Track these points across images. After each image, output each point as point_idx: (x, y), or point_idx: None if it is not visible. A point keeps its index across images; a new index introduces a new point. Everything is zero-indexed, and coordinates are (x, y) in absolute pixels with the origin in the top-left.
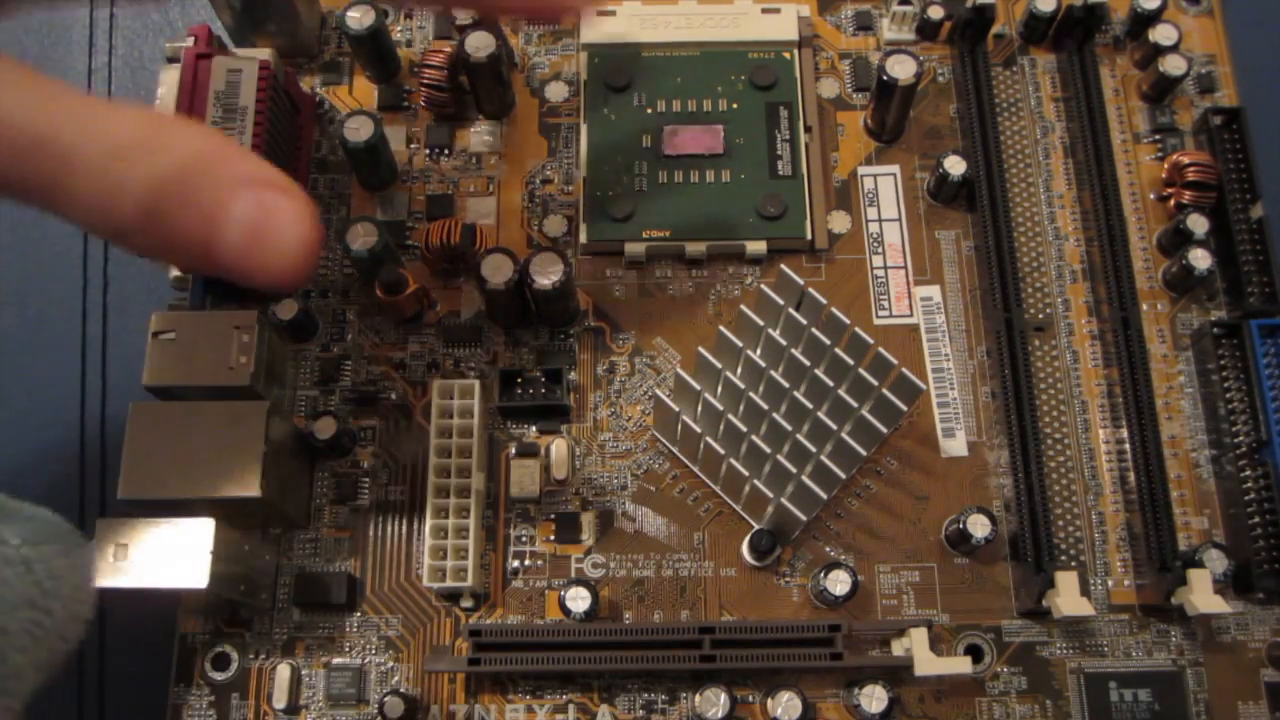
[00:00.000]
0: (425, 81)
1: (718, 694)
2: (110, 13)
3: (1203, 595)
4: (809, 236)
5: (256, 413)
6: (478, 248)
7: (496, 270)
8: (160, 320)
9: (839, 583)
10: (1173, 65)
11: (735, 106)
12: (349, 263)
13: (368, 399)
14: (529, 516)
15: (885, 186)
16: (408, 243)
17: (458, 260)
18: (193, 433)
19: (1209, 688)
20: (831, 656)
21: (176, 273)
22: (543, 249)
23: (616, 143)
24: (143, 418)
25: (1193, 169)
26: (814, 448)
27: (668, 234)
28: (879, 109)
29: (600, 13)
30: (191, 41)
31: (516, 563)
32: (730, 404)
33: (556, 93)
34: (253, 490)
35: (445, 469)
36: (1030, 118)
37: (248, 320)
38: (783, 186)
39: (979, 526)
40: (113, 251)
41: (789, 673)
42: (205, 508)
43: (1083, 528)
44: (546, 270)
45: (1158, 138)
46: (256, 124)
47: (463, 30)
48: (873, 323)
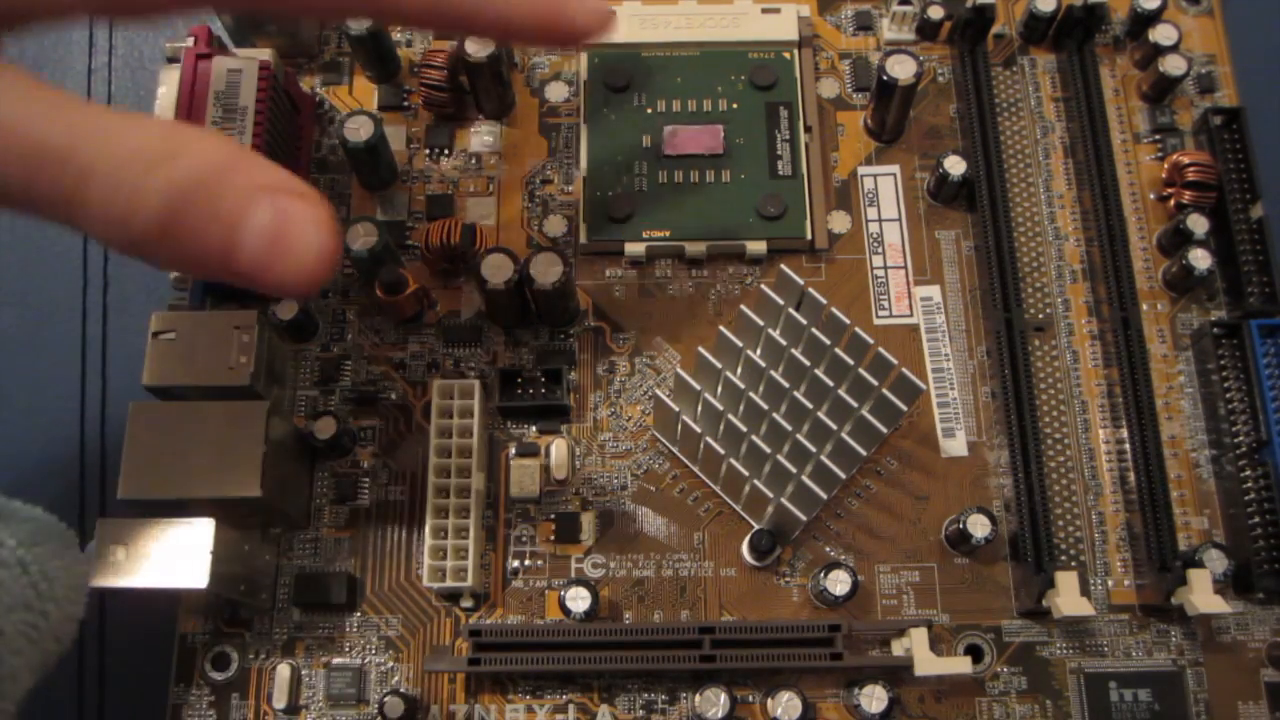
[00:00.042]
0: (425, 81)
1: (718, 694)
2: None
3: (1203, 595)
4: (809, 236)
5: (256, 413)
6: (478, 248)
7: (496, 270)
8: (160, 320)
9: (839, 583)
10: (1173, 65)
11: (735, 106)
12: (349, 263)
13: (368, 399)
14: (529, 516)
15: (885, 186)
16: (408, 243)
17: (458, 260)
18: (193, 433)
19: (1209, 688)
20: (831, 656)
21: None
22: (543, 249)
23: (616, 143)
24: (143, 418)
25: (1193, 169)
26: (814, 448)
27: (668, 234)
28: (879, 109)
29: None
30: (191, 41)
31: (516, 563)
32: (730, 404)
33: (556, 93)
34: (253, 490)
35: (445, 469)
36: (1030, 118)
37: (248, 320)
38: (783, 186)
39: (979, 526)
40: (113, 252)
41: (789, 673)
42: (205, 508)
43: (1083, 528)
44: (546, 270)
45: (1158, 138)
46: (256, 124)
47: None
48: (873, 323)
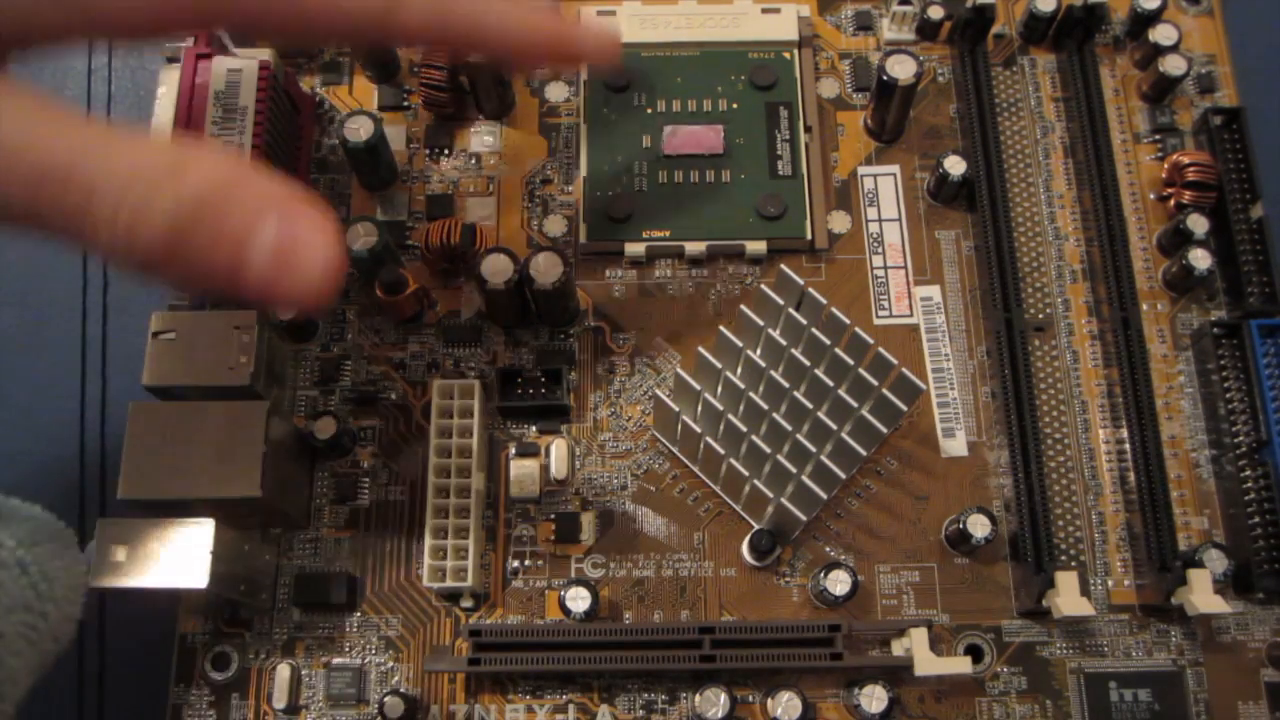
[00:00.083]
0: (425, 81)
1: (718, 694)
2: None
3: (1203, 595)
4: (809, 236)
5: (256, 413)
6: (478, 248)
7: (496, 270)
8: (160, 320)
9: (839, 583)
10: (1173, 65)
11: (735, 106)
12: (349, 263)
13: (368, 399)
14: (529, 516)
15: (885, 186)
16: (408, 243)
17: (458, 260)
18: (193, 433)
19: (1209, 688)
20: (831, 656)
21: None
22: (543, 249)
23: (616, 143)
24: (143, 418)
25: (1193, 169)
26: (814, 448)
27: (668, 234)
28: (879, 109)
29: (600, 13)
30: (191, 41)
31: (516, 563)
32: (730, 404)
33: (556, 93)
34: (253, 490)
35: (445, 469)
36: (1030, 118)
37: (248, 320)
38: (783, 186)
39: (979, 526)
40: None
41: (789, 673)
42: (205, 508)
43: (1083, 528)
44: (546, 270)
45: (1158, 138)
46: (256, 124)
47: None
48: (873, 323)
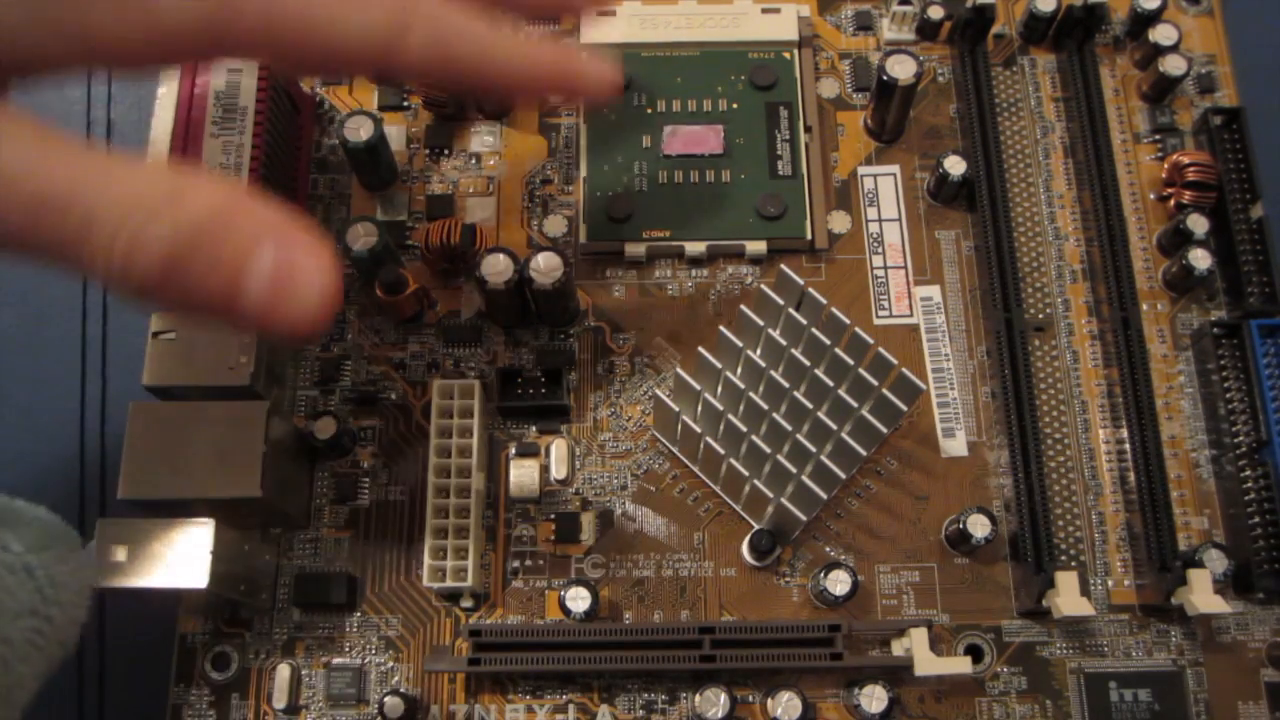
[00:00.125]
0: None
1: (718, 694)
2: None
3: (1203, 595)
4: (809, 236)
5: (256, 413)
6: (478, 248)
7: (496, 270)
8: (160, 320)
9: (839, 583)
10: (1173, 65)
11: (735, 106)
12: (349, 263)
13: (368, 399)
14: (529, 516)
15: (885, 186)
16: (408, 243)
17: (458, 260)
18: (193, 433)
19: (1209, 688)
20: (831, 656)
21: None
22: (543, 249)
23: (616, 142)
24: (143, 418)
25: (1193, 169)
26: (814, 448)
27: (668, 234)
28: (879, 109)
29: (600, 13)
30: None
31: (516, 563)
32: (730, 404)
33: None
34: (253, 490)
35: (445, 469)
36: (1030, 118)
37: None
38: (783, 186)
39: (979, 526)
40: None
41: (789, 673)
42: (205, 508)
43: (1083, 528)
44: (546, 270)
45: (1158, 138)
46: (256, 124)
47: None
48: (873, 323)
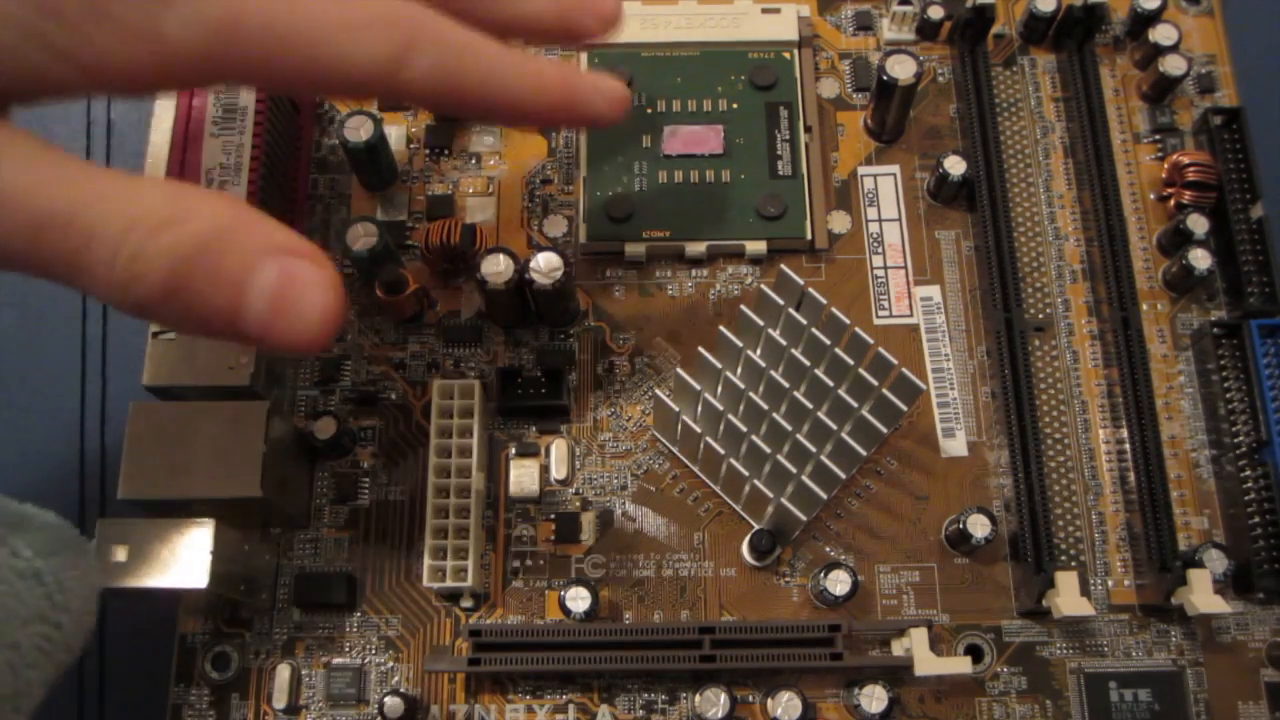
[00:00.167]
0: None
1: (718, 694)
2: None
3: (1203, 595)
4: (809, 236)
5: (256, 413)
6: (478, 248)
7: (496, 270)
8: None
9: (839, 583)
10: (1173, 65)
11: (735, 106)
12: (349, 263)
13: (368, 399)
14: (529, 516)
15: (885, 186)
16: (408, 243)
17: (458, 260)
18: (193, 433)
19: (1209, 688)
20: (831, 656)
21: None
22: (543, 249)
23: (616, 143)
24: (143, 418)
25: (1193, 169)
26: (814, 448)
27: (668, 234)
28: (879, 109)
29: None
30: None
31: (516, 563)
32: (730, 404)
33: None
34: (253, 490)
35: (445, 469)
36: (1030, 118)
37: None
38: (783, 186)
39: (979, 526)
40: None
41: (789, 673)
42: (205, 508)
43: (1083, 528)
44: (546, 270)
45: (1158, 138)
46: (256, 124)
47: None
48: (873, 323)
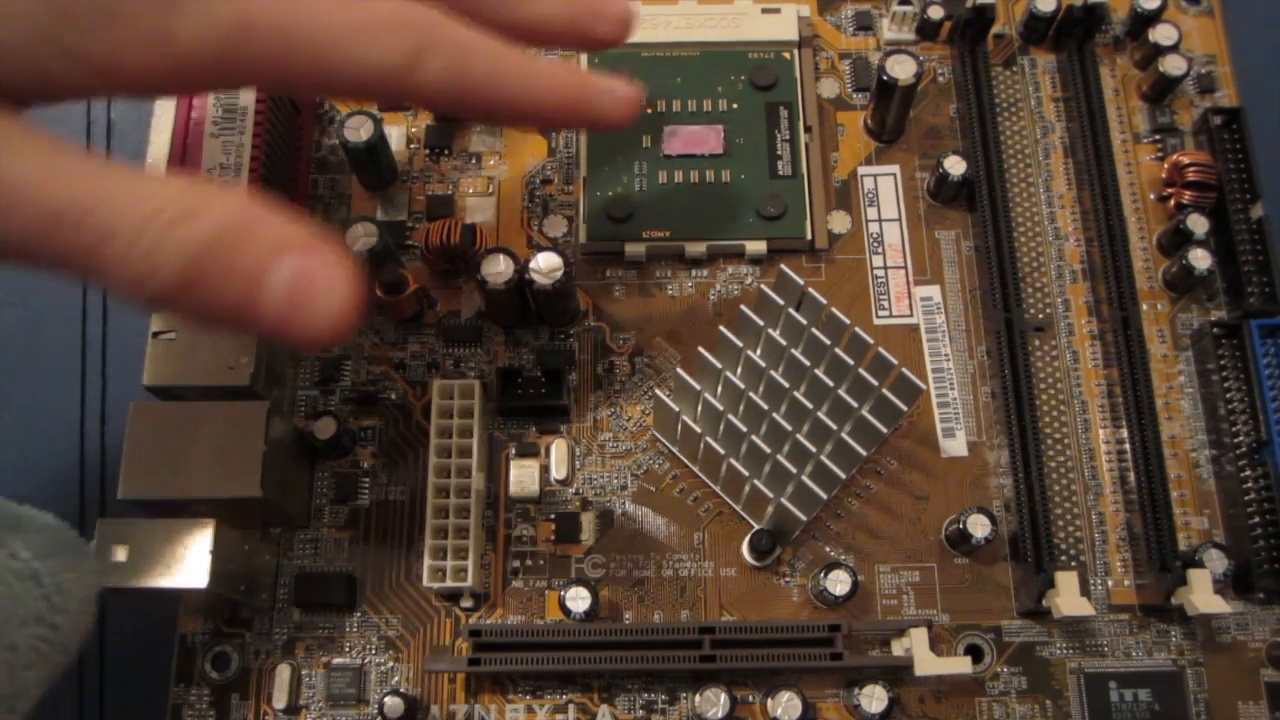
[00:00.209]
0: None
1: (718, 694)
2: None
3: (1203, 595)
4: (809, 236)
5: (256, 413)
6: (478, 248)
7: (496, 270)
8: (160, 320)
9: (839, 583)
10: (1173, 65)
11: (735, 106)
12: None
13: (368, 399)
14: (529, 516)
15: (885, 186)
16: (408, 243)
17: (458, 260)
18: (193, 433)
19: (1209, 688)
20: (831, 656)
21: None
22: (543, 249)
23: (616, 143)
24: (143, 418)
25: (1193, 169)
26: (814, 448)
27: (668, 234)
28: (879, 109)
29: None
30: None
31: (516, 563)
32: (730, 404)
33: None
34: (253, 490)
35: (445, 469)
36: (1030, 118)
37: None
38: (783, 186)
39: (979, 526)
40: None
41: (789, 673)
42: (205, 508)
43: (1083, 528)
44: (546, 270)
45: (1158, 138)
46: (256, 124)
47: None
48: (873, 323)
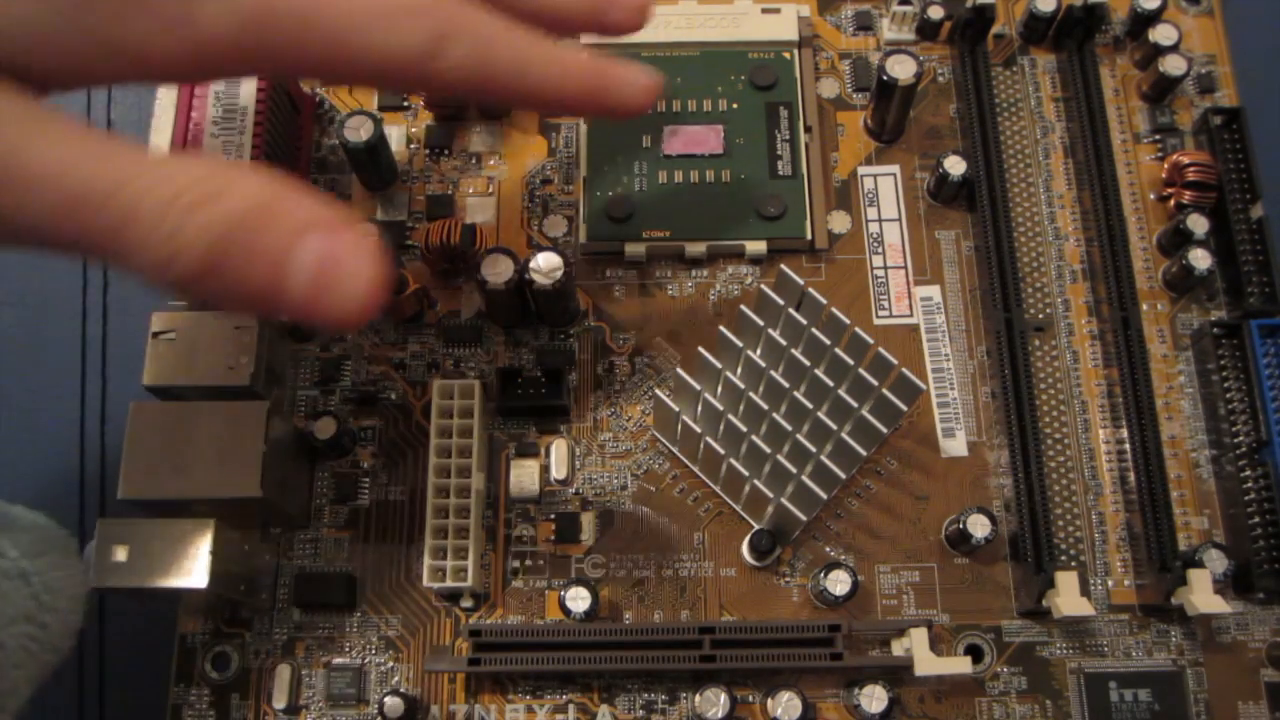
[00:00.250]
0: None
1: (718, 694)
2: None
3: (1203, 595)
4: (809, 236)
5: (256, 413)
6: (478, 248)
7: (496, 270)
8: (160, 320)
9: (839, 583)
10: (1173, 65)
11: (735, 106)
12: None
13: (368, 399)
14: (529, 516)
15: (885, 186)
16: (408, 243)
17: (458, 260)
18: (193, 433)
19: (1209, 688)
20: (831, 656)
21: None
22: (543, 249)
23: (616, 143)
24: (143, 418)
25: (1193, 169)
26: (814, 448)
27: (668, 234)
28: (879, 109)
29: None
30: None
31: (516, 563)
32: (730, 404)
33: None
34: (253, 490)
35: (445, 469)
36: (1030, 118)
37: (248, 320)
38: (783, 186)
39: (979, 526)
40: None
41: (789, 673)
42: (205, 508)
43: (1083, 528)
44: (546, 270)
45: (1158, 138)
46: (256, 124)
47: None
48: (873, 323)
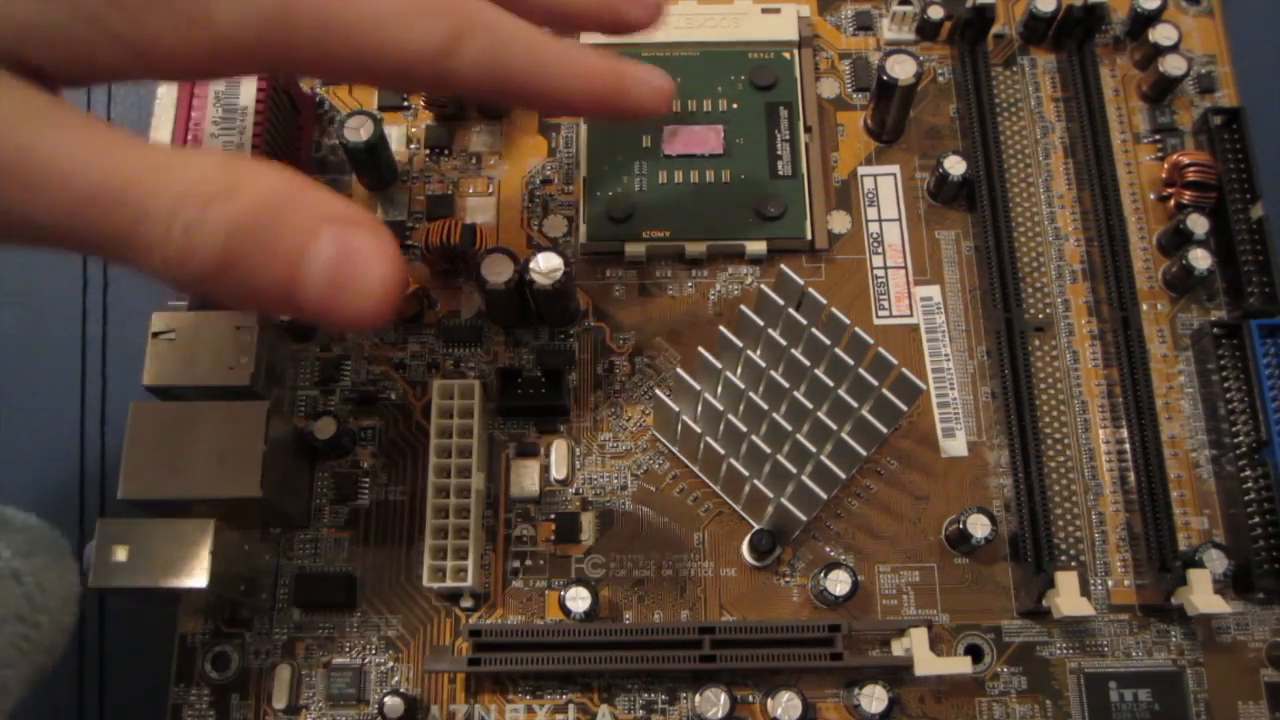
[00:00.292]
0: None
1: (718, 694)
2: None
3: (1203, 595)
4: (809, 236)
5: (256, 413)
6: (478, 248)
7: (496, 270)
8: (160, 320)
9: (839, 583)
10: (1173, 65)
11: (735, 106)
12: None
13: (368, 399)
14: (529, 516)
15: (885, 186)
16: (408, 243)
17: (458, 260)
18: (193, 433)
19: (1209, 688)
20: (831, 656)
21: None
22: (543, 249)
23: (616, 143)
24: (143, 418)
25: (1193, 169)
26: (814, 448)
27: (668, 234)
28: (879, 109)
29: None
30: None
31: (516, 563)
32: (730, 404)
33: None
34: (253, 490)
35: (445, 469)
36: (1030, 118)
37: (248, 320)
38: (783, 186)
39: (979, 526)
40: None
41: (789, 673)
42: (205, 508)
43: (1083, 528)
44: (546, 270)
45: (1158, 138)
46: (256, 124)
47: None
48: (873, 323)
